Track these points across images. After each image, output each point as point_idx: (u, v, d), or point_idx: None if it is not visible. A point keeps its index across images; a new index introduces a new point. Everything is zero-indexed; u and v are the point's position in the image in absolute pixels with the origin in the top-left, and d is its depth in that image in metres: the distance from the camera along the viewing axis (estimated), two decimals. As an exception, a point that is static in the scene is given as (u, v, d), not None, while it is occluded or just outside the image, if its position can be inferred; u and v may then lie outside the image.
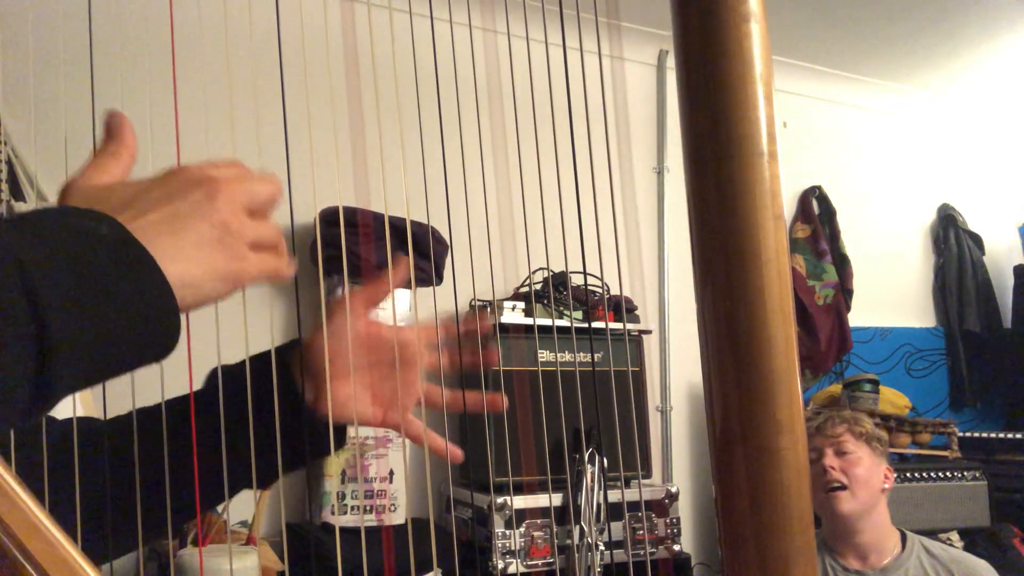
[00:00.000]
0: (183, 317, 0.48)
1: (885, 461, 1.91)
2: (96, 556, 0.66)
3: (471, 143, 0.76)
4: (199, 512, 0.71)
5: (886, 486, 1.88)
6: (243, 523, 2.03)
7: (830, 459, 1.85)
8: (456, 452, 0.81)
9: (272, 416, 0.68)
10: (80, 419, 0.69)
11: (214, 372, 0.73)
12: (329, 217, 2.15)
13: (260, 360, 0.72)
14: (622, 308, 2.54)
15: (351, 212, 1.96)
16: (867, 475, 1.84)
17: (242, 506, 2.08)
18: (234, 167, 0.53)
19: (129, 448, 0.66)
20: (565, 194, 0.78)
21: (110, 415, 0.69)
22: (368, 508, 2.28)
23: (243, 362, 0.71)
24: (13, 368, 0.38)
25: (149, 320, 0.45)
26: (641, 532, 2.38)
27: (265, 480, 0.71)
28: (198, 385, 0.71)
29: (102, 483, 0.66)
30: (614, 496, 2.33)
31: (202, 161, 0.53)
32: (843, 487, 1.82)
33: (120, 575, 1.83)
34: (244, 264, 0.51)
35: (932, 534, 2.76)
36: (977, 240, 3.94)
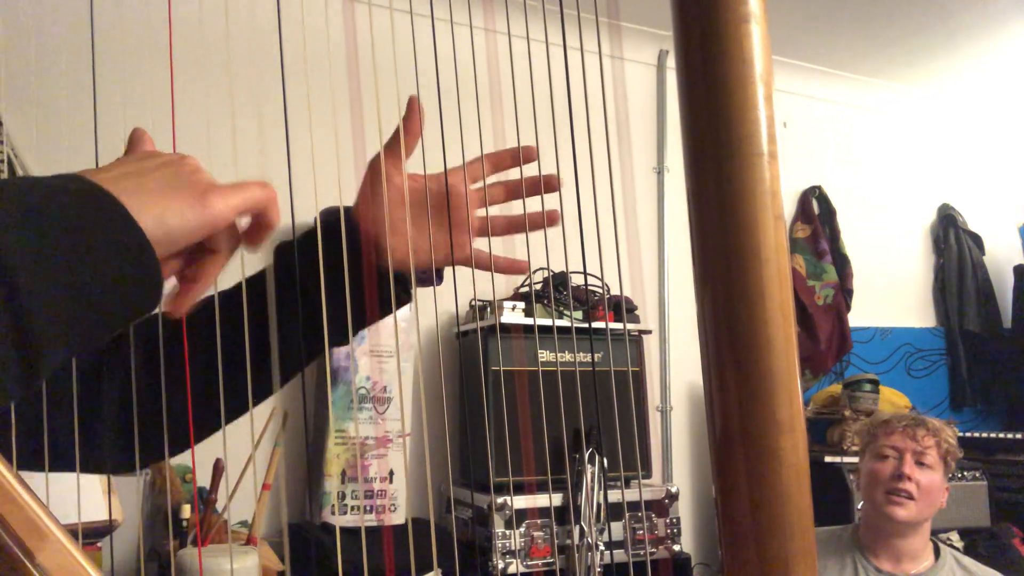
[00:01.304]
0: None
1: (946, 479, 1.87)
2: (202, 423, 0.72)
3: (471, 143, 0.76)
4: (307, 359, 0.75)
5: (943, 503, 1.85)
6: (243, 523, 2.03)
7: (909, 467, 1.78)
8: (521, 264, 0.83)
9: (344, 276, 0.71)
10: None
11: (279, 247, 0.77)
12: (328, 218, 2.15)
13: (325, 222, 0.75)
14: (622, 308, 2.54)
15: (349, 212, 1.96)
16: (935, 491, 1.81)
17: (242, 506, 2.08)
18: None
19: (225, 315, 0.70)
20: (565, 194, 0.78)
21: None
22: (368, 508, 2.28)
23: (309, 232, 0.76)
24: None
25: (126, 264, 0.44)
26: (641, 532, 2.38)
27: (357, 327, 0.75)
28: None
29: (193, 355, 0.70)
30: (614, 496, 2.33)
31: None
32: (910, 496, 1.77)
33: (121, 574, 1.83)
34: (213, 194, 0.50)
35: (932, 534, 2.77)
36: (977, 240, 3.94)
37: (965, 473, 2.89)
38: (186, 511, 1.91)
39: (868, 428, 1.90)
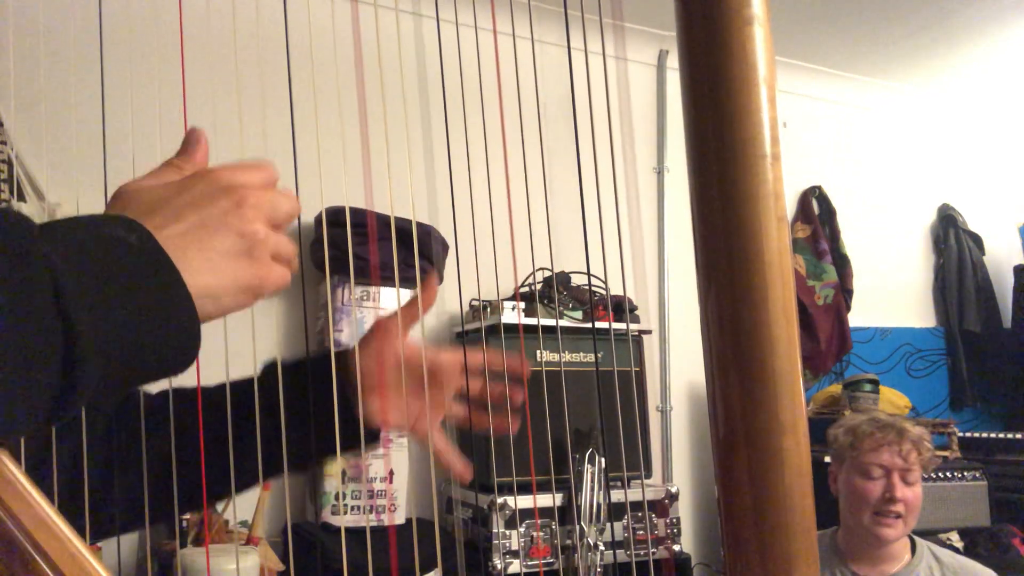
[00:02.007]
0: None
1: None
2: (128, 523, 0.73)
3: (475, 143, 0.76)
4: (261, 478, 0.77)
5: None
6: (243, 523, 2.03)
7: (900, 489, 1.74)
8: (466, 474, 0.89)
9: (326, 410, 0.75)
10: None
11: (270, 365, 0.79)
12: (331, 217, 2.16)
13: (313, 362, 0.79)
14: (622, 308, 2.54)
15: (353, 212, 1.96)
16: (919, 504, 1.78)
17: (243, 506, 2.08)
18: (261, 171, 0.53)
19: (183, 422, 0.73)
20: (567, 194, 0.78)
21: None
22: (368, 508, 2.28)
23: (296, 361, 0.79)
24: (40, 374, 0.39)
25: (170, 331, 0.45)
26: (641, 532, 2.38)
27: (301, 466, 0.80)
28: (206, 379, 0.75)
29: (146, 457, 0.71)
30: (614, 496, 2.33)
31: (232, 164, 0.53)
32: (898, 516, 1.74)
33: (122, 573, 1.83)
34: (266, 275, 0.51)
35: (932, 534, 2.77)
36: (977, 240, 3.94)
37: (965, 473, 2.89)
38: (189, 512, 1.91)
39: (849, 436, 1.84)
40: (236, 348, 0.75)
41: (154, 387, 0.76)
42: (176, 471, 0.70)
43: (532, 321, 2.45)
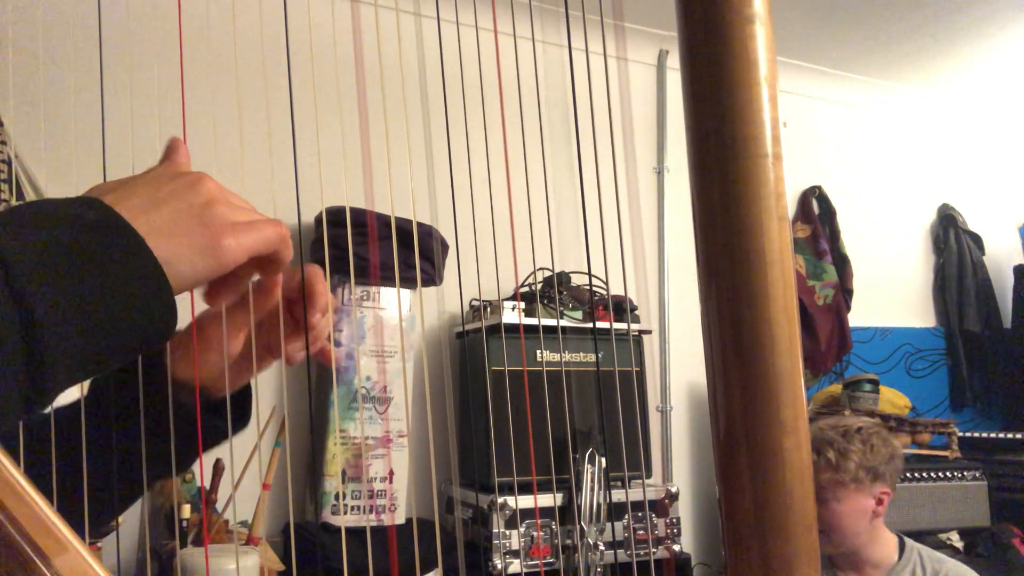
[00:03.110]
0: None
1: (881, 483, 1.79)
2: None
3: (475, 143, 0.76)
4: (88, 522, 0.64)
5: (879, 511, 1.78)
6: (243, 523, 2.03)
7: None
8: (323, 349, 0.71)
9: (155, 412, 0.64)
10: None
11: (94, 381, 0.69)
12: (331, 217, 2.16)
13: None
14: (623, 308, 2.54)
15: (355, 212, 1.96)
16: (846, 522, 1.75)
17: (243, 506, 2.08)
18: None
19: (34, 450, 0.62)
20: (567, 194, 0.78)
21: None
22: (368, 508, 2.28)
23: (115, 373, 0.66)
24: (5, 363, 0.38)
25: (140, 297, 0.44)
26: (641, 532, 2.38)
27: (155, 477, 0.67)
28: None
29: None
30: (615, 496, 2.33)
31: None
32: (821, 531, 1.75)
33: (121, 574, 1.83)
34: (220, 235, 0.49)
35: (932, 534, 2.77)
36: (977, 240, 3.94)
37: (965, 473, 2.89)
38: (186, 511, 1.91)
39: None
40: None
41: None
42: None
43: (532, 321, 2.45)
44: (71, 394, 0.66)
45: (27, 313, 0.39)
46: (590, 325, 2.51)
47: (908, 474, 2.82)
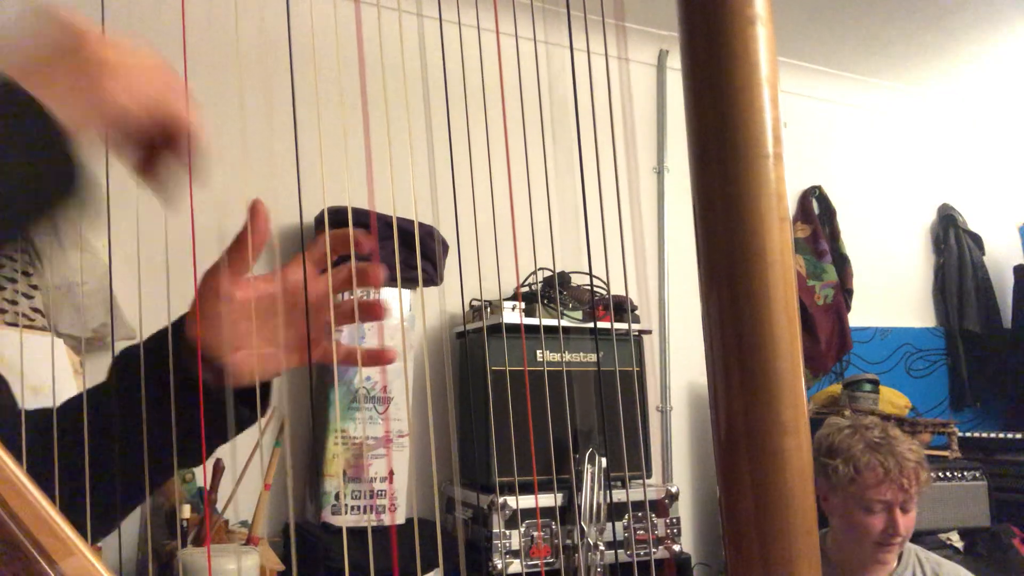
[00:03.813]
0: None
1: None
2: None
3: (476, 143, 0.76)
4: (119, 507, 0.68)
5: None
6: (243, 523, 2.03)
7: (902, 523, 1.72)
8: (390, 353, 0.75)
9: (185, 396, 0.65)
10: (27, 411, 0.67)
11: (121, 356, 0.70)
12: (332, 217, 2.15)
13: (158, 346, 0.69)
14: (623, 308, 2.54)
15: (356, 213, 1.96)
16: (911, 527, 1.77)
17: (243, 506, 2.08)
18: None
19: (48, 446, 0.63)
20: (567, 194, 0.78)
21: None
22: (369, 508, 2.28)
23: (148, 342, 0.69)
24: None
25: (45, 151, 0.44)
26: (641, 532, 2.38)
27: (185, 462, 0.69)
28: None
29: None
30: (615, 496, 2.33)
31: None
32: (899, 542, 1.74)
33: (122, 573, 1.83)
34: (115, 83, 0.49)
35: (932, 534, 2.77)
36: (977, 240, 3.94)
37: (965, 473, 2.89)
38: (186, 511, 1.91)
39: (848, 467, 1.77)
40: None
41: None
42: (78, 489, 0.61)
43: (533, 321, 2.45)
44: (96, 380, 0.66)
45: None
46: (590, 325, 2.51)
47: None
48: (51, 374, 1.55)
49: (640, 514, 2.41)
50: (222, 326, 0.68)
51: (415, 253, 2.22)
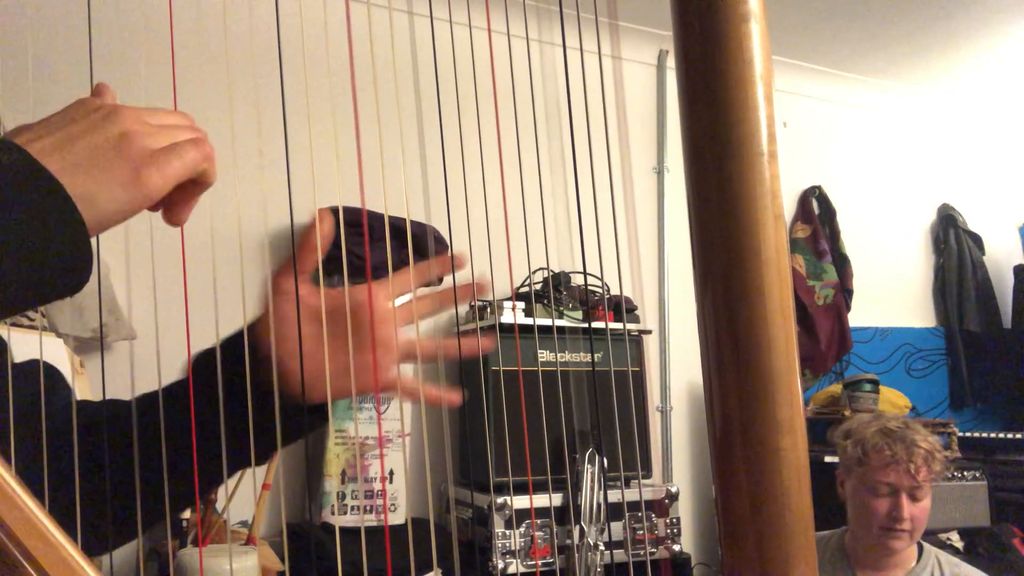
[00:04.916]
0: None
1: None
2: (94, 545, 0.67)
3: (471, 143, 0.76)
4: (198, 499, 0.71)
5: None
6: (243, 523, 2.03)
7: (907, 507, 1.72)
8: (454, 396, 0.75)
9: (254, 399, 0.65)
10: (79, 403, 0.67)
11: (196, 359, 0.70)
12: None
13: (233, 347, 0.68)
14: (622, 308, 2.54)
15: (351, 212, 1.96)
16: (927, 516, 1.77)
17: (242, 506, 2.08)
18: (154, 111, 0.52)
19: (124, 437, 0.65)
20: (565, 194, 0.78)
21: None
22: (368, 508, 2.28)
23: (220, 346, 0.68)
24: None
25: (54, 240, 0.43)
26: (641, 532, 2.38)
27: (261, 458, 0.68)
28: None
29: (101, 471, 0.65)
30: (614, 496, 2.33)
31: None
32: (905, 530, 1.73)
33: (120, 574, 1.83)
34: (141, 166, 0.48)
35: (932, 534, 2.77)
36: (977, 240, 3.94)
37: (965, 473, 2.89)
38: (186, 511, 1.91)
39: (857, 449, 1.79)
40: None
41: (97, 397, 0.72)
42: (135, 483, 0.63)
43: (532, 321, 2.45)
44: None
45: None
46: (590, 325, 2.51)
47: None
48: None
49: (640, 514, 2.40)
50: (292, 328, 0.68)
51: (415, 253, 2.22)
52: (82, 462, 0.62)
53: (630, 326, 2.65)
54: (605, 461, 2.28)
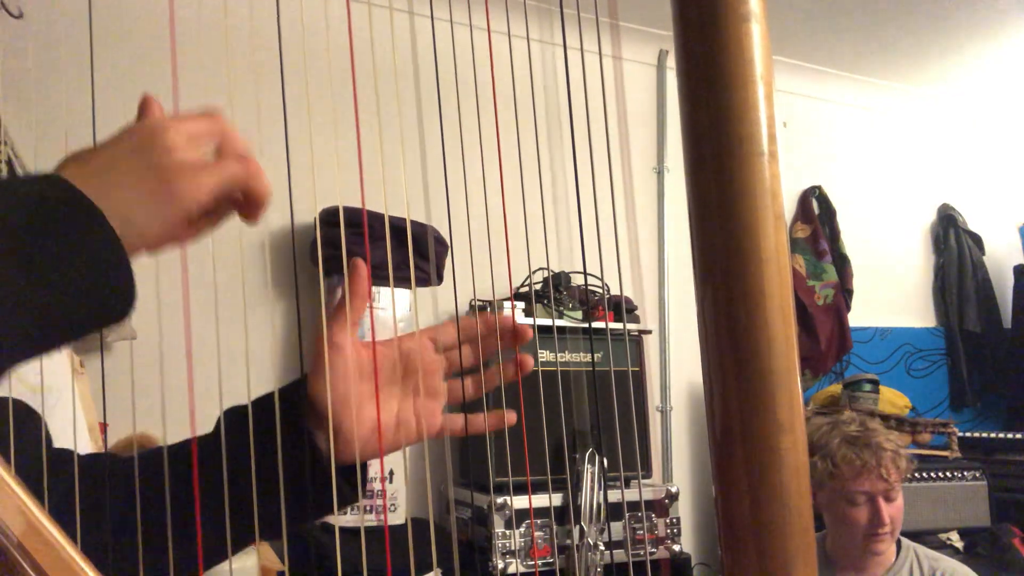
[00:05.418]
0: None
1: None
2: None
3: (471, 143, 0.76)
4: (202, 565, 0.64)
5: None
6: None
7: (885, 510, 1.75)
8: (511, 416, 0.77)
9: (287, 462, 0.63)
10: (91, 456, 0.66)
11: (226, 415, 0.68)
12: (329, 217, 2.15)
13: (268, 406, 0.66)
14: (622, 308, 2.54)
15: (351, 212, 1.96)
16: (901, 517, 1.79)
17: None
18: (194, 118, 0.52)
19: (136, 492, 0.61)
20: (565, 194, 0.78)
21: (111, 435, 0.68)
22: (368, 508, 2.27)
23: (253, 404, 0.66)
24: None
25: (96, 275, 0.44)
26: (641, 532, 2.38)
27: (278, 530, 0.65)
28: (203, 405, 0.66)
29: (112, 523, 0.61)
30: (614, 496, 2.33)
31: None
32: (888, 532, 1.76)
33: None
34: (181, 181, 0.48)
35: (932, 534, 2.77)
36: (977, 240, 3.94)
37: (965, 473, 2.89)
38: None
39: (827, 462, 1.79)
40: (230, 355, 0.74)
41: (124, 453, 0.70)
42: (154, 540, 0.60)
43: (532, 321, 2.45)
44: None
45: None
46: (590, 325, 2.51)
47: (908, 474, 2.81)
48: (50, 374, 1.55)
49: (639, 514, 2.40)
50: (343, 384, 0.66)
51: (415, 254, 2.22)
52: (97, 512, 0.60)
53: (630, 326, 2.65)
54: (605, 461, 2.28)
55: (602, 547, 2.21)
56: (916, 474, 2.84)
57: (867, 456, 1.76)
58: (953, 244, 3.88)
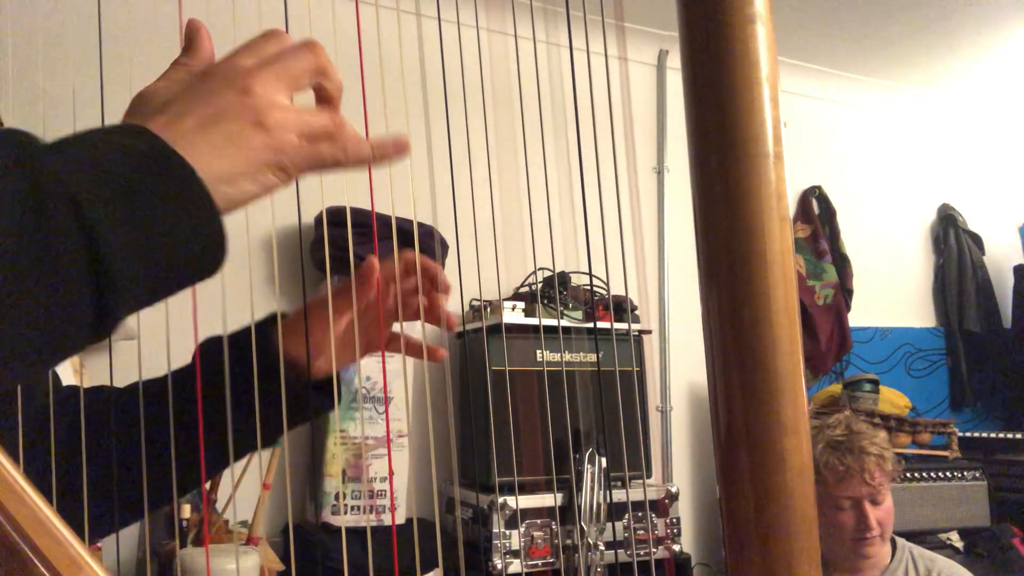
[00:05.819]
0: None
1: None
2: (103, 524, 0.71)
3: (474, 143, 0.76)
4: (204, 478, 0.76)
5: None
6: (243, 523, 2.03)
7: (872, 515, 1.75)
8: (440, 351, 0.90)
9: (265, 382, 0.73)
10: (89, 389, 0.73)
11: (206, 342, 0.77)
12: (332, 217, 2.15)
13: (244, 334, 0.76)
14: (623, 308, 2.54)
15: (355, 212, 1.96)
16: (892, 513, 1.80)
17: (243, 506, 2.08)
18: (268, 44, 0.53)
19: (133, 419, 0.71)
20: (566, 194, 0.78)
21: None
22: (369, 508, 2.28)
23: (233, 334, 0.76)
24: (74, 298, 0.40)
25: (193, 230, 0.45)
26: (641, 532, 2.38)
27: (267, 441, 0.76)
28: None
29: (110, 450, 0.70)
30: (615, 496, 2.33)
31: (238, 48, 0.52)
32: (881, 534, 1.77)
33: (121, 574, 1.83)
34: (280, 145, 0.49)
35: (932, 534, 2.77)
36: (977, 240, 3.94)
37: (965, 473, 2.89)
38: (186, 511, 1.91)
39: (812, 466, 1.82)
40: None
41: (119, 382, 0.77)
42: (137, 466, 0.69)
43: (533, 321, 2.45)
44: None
45: (94, 246, 0.40)
46: (590, 325, 2.51)
47: (908, 474, 2.82)
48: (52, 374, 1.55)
49: (640, 514, 2.40)
50: (313, 341, 0.79)
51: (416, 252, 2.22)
52: (77, 446, 0.68)
53: (631, 326, 2.65)
54: (605, 461, 2.28)
55: (602, 547, 2.21)
56: (916, 474, 2.84)
57: (850, 461, 1.77)
58: (953, 244, 3.88)
